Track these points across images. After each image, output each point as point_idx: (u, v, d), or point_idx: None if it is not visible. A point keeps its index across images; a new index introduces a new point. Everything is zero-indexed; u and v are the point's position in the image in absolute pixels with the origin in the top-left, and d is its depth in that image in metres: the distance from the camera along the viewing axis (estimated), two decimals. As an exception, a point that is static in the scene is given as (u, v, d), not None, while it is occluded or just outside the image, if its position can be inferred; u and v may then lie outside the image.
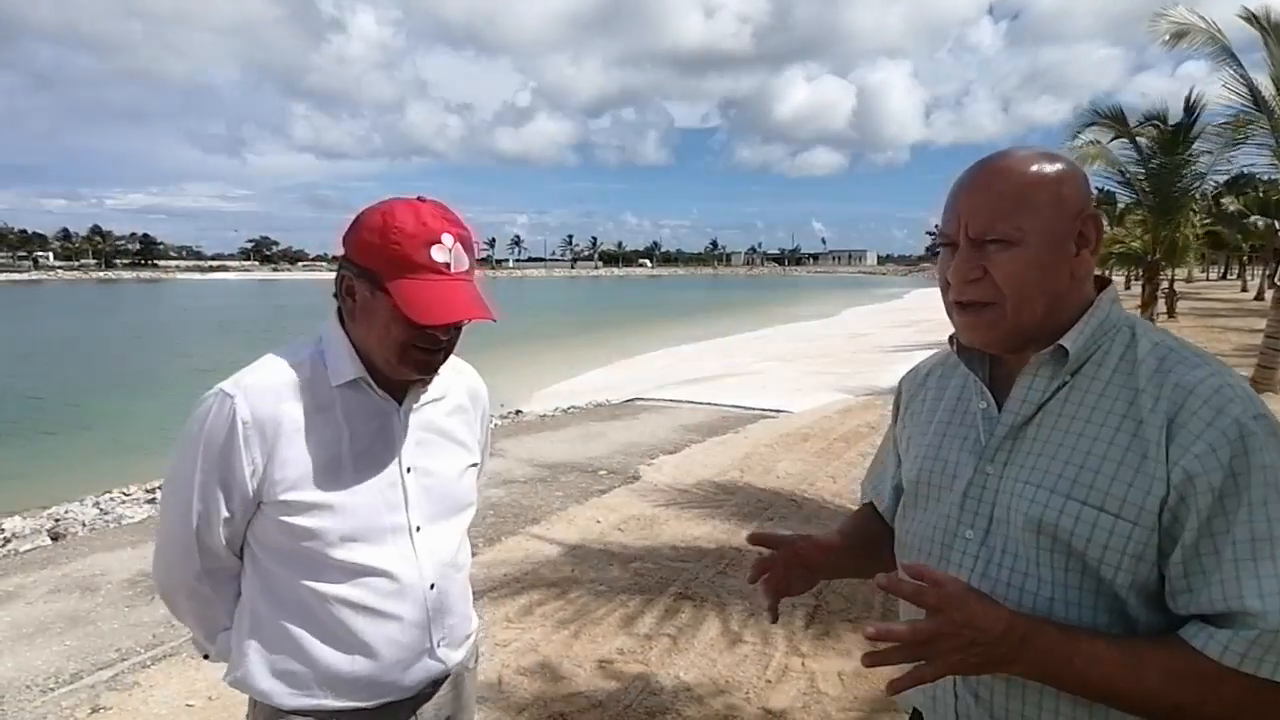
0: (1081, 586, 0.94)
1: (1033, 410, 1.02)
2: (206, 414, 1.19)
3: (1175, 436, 0.90)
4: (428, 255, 1.17)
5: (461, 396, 1.43)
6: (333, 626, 1.24)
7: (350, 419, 1.25)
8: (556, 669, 3.23)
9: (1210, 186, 16.69)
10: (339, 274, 1.25)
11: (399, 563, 1.27)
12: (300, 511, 1.20)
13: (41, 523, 5.83)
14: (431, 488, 1.32)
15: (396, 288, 1.16)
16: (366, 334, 1.22)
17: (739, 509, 5.40)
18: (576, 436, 8.05)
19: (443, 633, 1.35)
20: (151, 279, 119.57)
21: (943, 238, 1.04)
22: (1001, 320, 0.99)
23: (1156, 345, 0.99)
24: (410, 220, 1.17)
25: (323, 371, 1.25)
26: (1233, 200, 29.42)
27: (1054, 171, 0.99)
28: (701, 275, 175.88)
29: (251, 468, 1.18)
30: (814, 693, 3.05)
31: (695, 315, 37.48)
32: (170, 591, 1.33)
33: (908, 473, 1.19)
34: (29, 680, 3.28)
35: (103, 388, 16.26)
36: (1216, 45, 9.91)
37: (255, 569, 1.27)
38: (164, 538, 1.28)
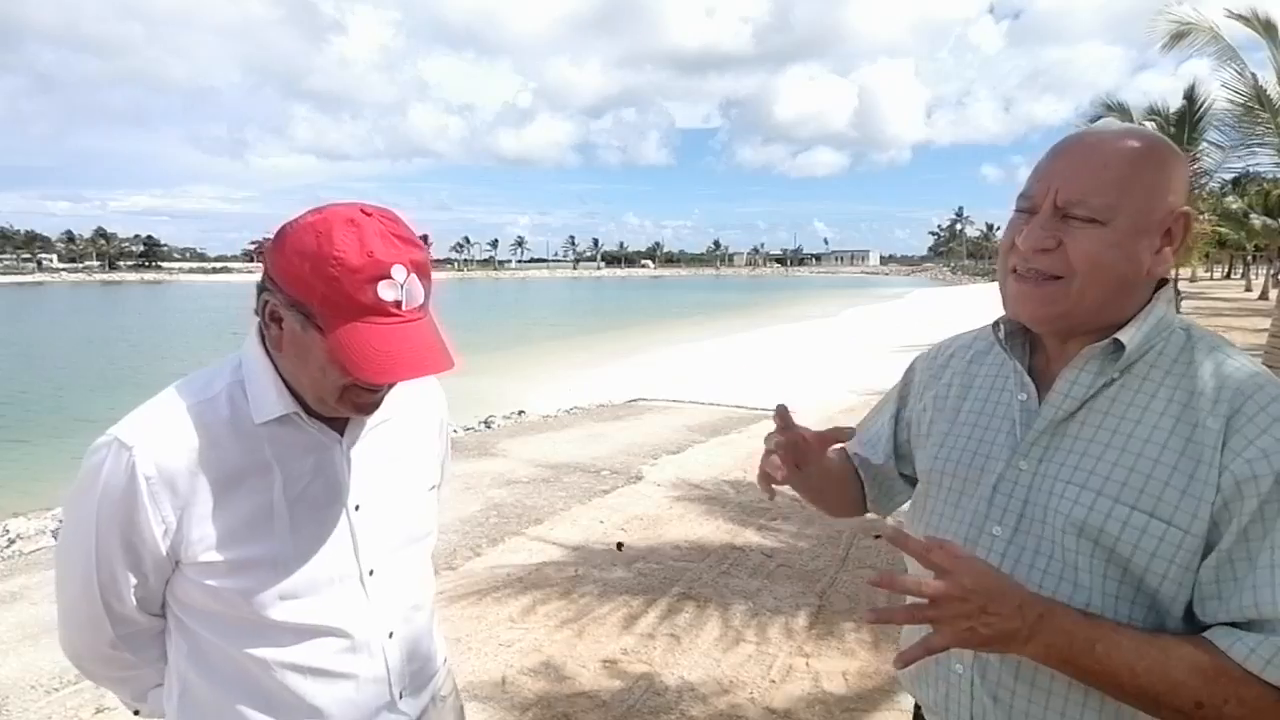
0: (1119, 594, 0.91)
1: (1076, 405, 0.97)
2: (99, 468, 0.99)
3: (1229, 440, 0.87)
4: (374, 295, 0.93)
5: (414, 410, 1.23)
6: (276, 693, 1.07)
7: (282, 459, 1.05)
8: (560, 669, 3.23)
9: (1215, 185, 16.67)
10: (260, 294, 1.01)
11: (350, 615, 1.10)
12: (227, 573, 1.01)
13: (45, 523, 5.84)
14: (385, 523, 1.14)
15: (335, 337, 0.94)
16: (296, 371, 1.02)
17: (742, 509, 5.40)
18: (579, 437, 8.04)
19: (405, 682, 1.18)
20: (155, 281, 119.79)
21: (1024, 200, 0.97)
22: (1062, 298, 0.94)
23: (1214, 350, 0.95)
24: (353, 249, 0.92)
25: (244, 406, 1.04)
26: (1236, 199, 29.35)
27: (1164, 158, 0.93)
28: (704, 276, 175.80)
29: (163, 527, 0.99)
30: (818, 692, 3.05)
31: (697, 316, 37.48)
32: (81, 663, 1.16)
33: (927, 460, 1.13)
34: (34, 681, 3.29)
35: (105, 388, 16.29)
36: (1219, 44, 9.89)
37: (181, 632, 1.08)
38: (65, 607, 1.09)
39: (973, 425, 1.08)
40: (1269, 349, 10.02)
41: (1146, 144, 0.93)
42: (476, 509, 5.46)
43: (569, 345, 22.11)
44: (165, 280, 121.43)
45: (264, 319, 1.02)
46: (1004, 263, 1.00)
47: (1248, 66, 9.78)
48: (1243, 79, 9.80)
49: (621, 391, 11.35)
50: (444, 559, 4.51)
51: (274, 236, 0.99)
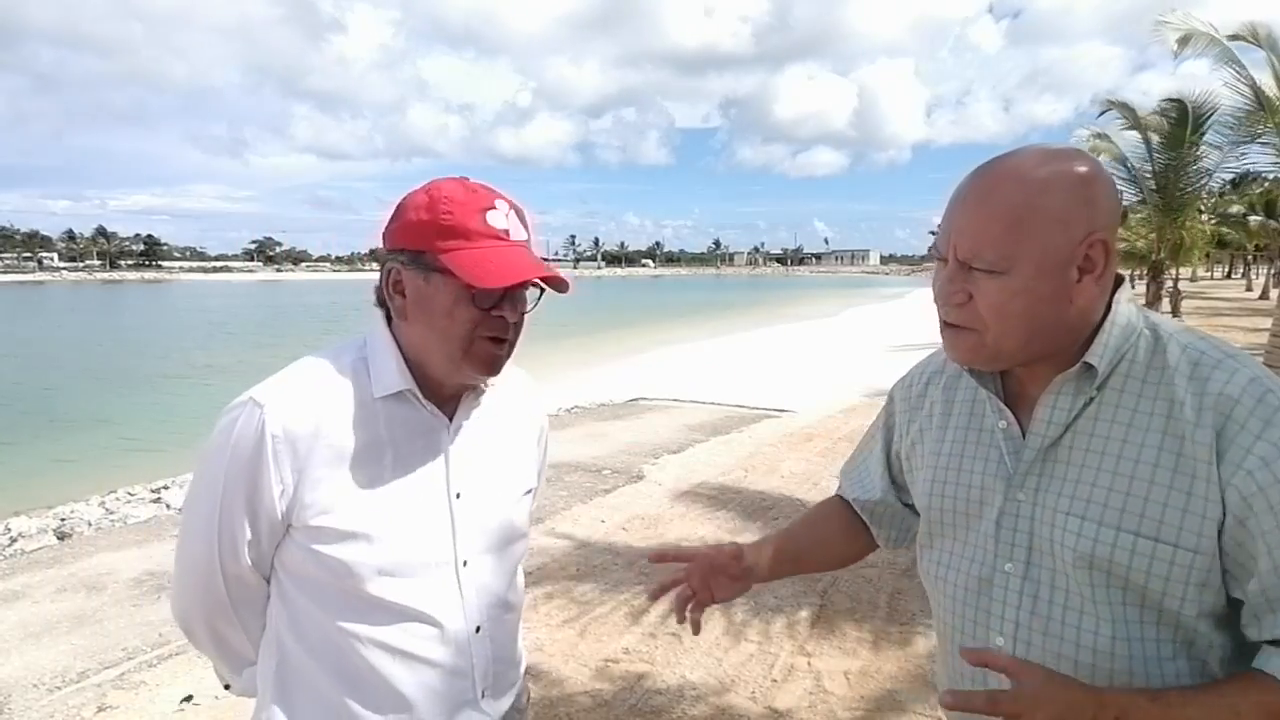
0: (1143, 620, 0.88)
1: (1060, 431, 0.94)
2: (233, 425, 1.05)
3: (1225, 453, 0.83)
4: (483, 221, 1.05)
5: (518, 412, 1.28)
6: (364, 672, 1.09)
7: (394, 436, 1.10)
8: (561, 668, 3.23)
9: (1216, 185, 16.69)
10: (384, 270, 1.11)
11: (441, 602, 1.12)
12: (333, 540, 1.06)
13: (48, 522, 5.85)
14: (483, 516, 1.17)
15: (454, 259, 1.03)
16: (425, 331, 1.08)
17: (743, 508, 5.40)
18: (581, 436, 8.04)
19: (488, 681, 1.19)
20: (155, 280, 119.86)
21: (935, 250, 0.96)
22: (981, 347, 0.93)
23: (1186, 348, 0.91)
24: (459, 190, 1.07)
25: (365, 381, 1.10)
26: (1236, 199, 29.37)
27: (1061, 184, 0.87)
28: (704, 275, 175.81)
29: (281, 487, 1.05)
30: (820, 692, 3.05)
31: (698, 315, 37.47)
32: (190, 622, 1.19)
33: (924, 497, 1.11)
34: (36, 679, 3.29)
35: (107, 388, 16.30)
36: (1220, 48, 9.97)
37: (282, 601, 1.13)
38: (184, 563, 1.14)
39: (959, 456, 1.05)
40: (1270, 349, 10.04)
41: (1043, 179, 0.87)
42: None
43: (570, 345, 22.08)
44: (166, 279, 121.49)
45: (388, 290, 1.10)
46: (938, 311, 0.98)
47: (1246, 69, 9.85)
48: (1242, 80, 9.86)
49: (622, 391, 11.35)
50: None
51: (392, 214, 1.10)
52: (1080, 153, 0.92)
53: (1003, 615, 0.96)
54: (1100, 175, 0.90)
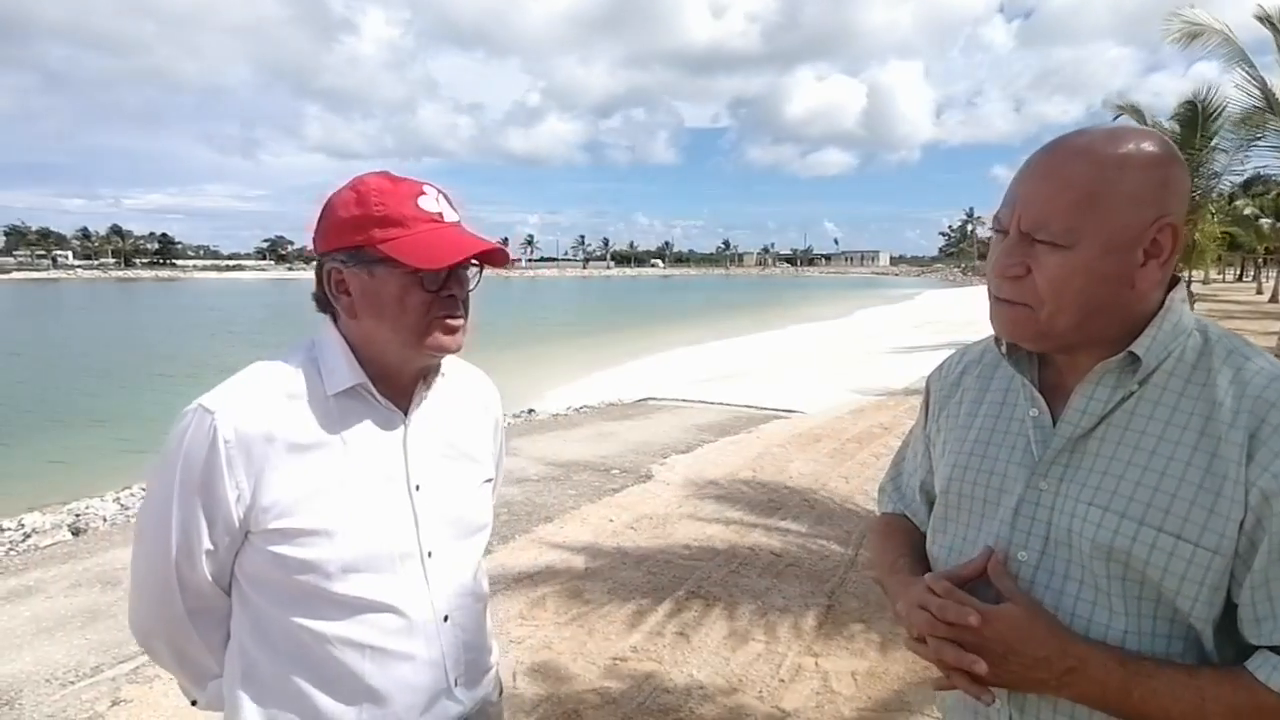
0: (1157, 616, 0.88)
1: (1094, 422, 0.92)
2: (184, 433, 1.04)
3: (1255, 454, 0.83)
4: (415, 206, 1.06)
5: (472, 404, 1.30)
6: (335, 671, 1.09)
7: (350, 432, 1.11)
8: (569, 666, 3.25)
9: (1226, 187, 16.58)
10: (322, 274, 1.11)
11: (408, 594, 1.13)
12: (294, 540, 1.05)
13: (62, 518, 5.90)
14: (444, 507, 1.18)
15: (395, 247, 1.04)
16: (377, 324, 1.09)
17: (751, 509, 5.40)
18: (589, 436, 8.06)
19: (460, 670, 1.20)
20: (170, 278, 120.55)
21: (996, 221, 0.94)
22: (1031, 321, 0.91)
23: (1233, 352, 0.90)
24: (384, 181, 1.08)
25: (317, 380, 1.11)
26: (1247, 202, 29.13)
27: (1138, 163, 0.85)
28: (713, 275, 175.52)
29: (236, 493, 1.04)
30: (827, 692, 3.05)
31: (707, 316, 37.43)
32: (149, 637, 1.17)
33: (943, 480, 1.08)
34: (49, 674, 3.32)
35: (120, 385, 16.43)
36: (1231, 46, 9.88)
37: (245, 608, 1.12)
38: (140, 575, 1.13)
39: (985, 443, 1.04)
40: (1282, 352, 9.99)
41: (1121, 155, 0.86)
42: (486, 507, 5.49)
43: (579, 344, 22.13)
44: (180, 278, 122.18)
45: (331, 294, 1.11)
46: (989, 284, 0.97)
47: (1257, 69, 9.75)
48: (1253, 80, 9.77)
49: (631, 391, 11.37)
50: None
51: (319, 217, 1.10)
52: (1157, 134, 0.91)
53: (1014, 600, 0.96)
54: (1176, 159, 0.89)
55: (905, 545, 1.17)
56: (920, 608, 0.93)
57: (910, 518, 1.23)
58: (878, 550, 1.22)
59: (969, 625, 0.88)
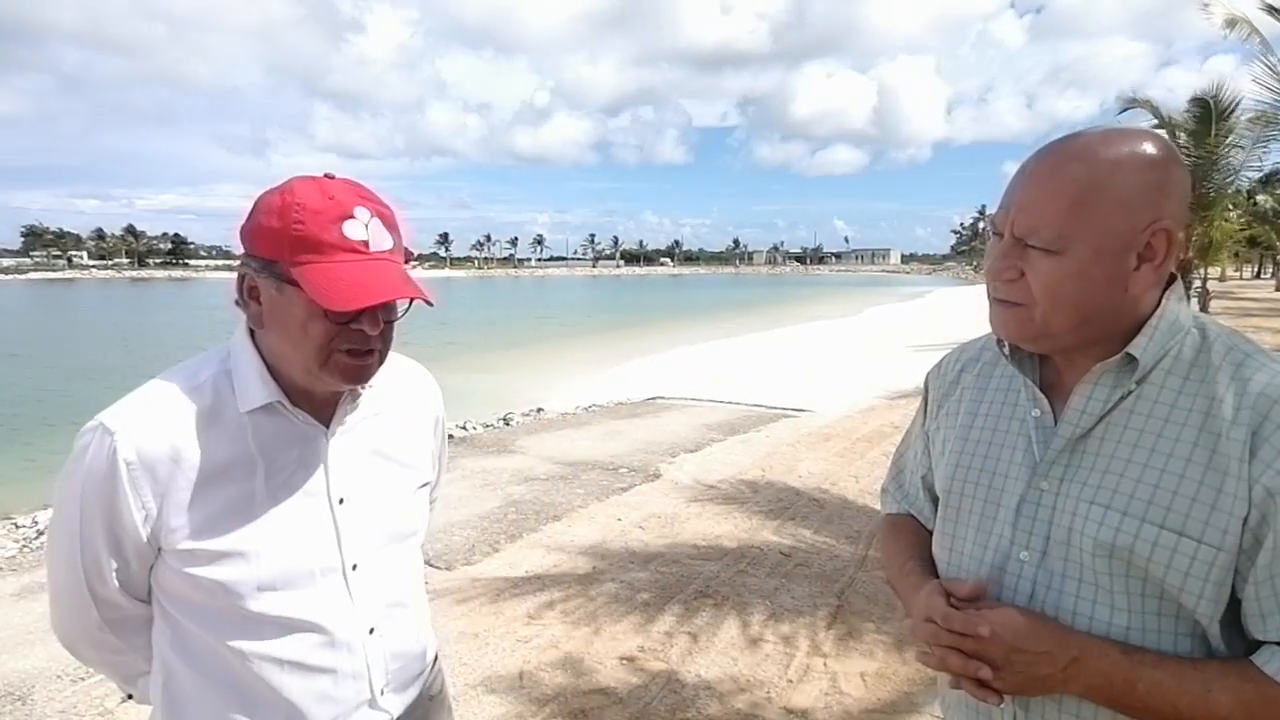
0: (1160, 613, 0.88)
1: (1093, 422, 0.93)
2: (84, 453, 1.00)
3: (1258, 451, 0.83)
4: (338, 233, 0.97)
5: (405, 405, 1.23)
6: (254, 687, 1.07)
7: (265, 449, 1.05)
8: (578, 665, 3.24)
9: (1245, 182, 16.39)
10: (238, 273, 1.04)
11: (330, 610, 1.09)
12: (206, 561, 1.01)
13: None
14: (370, 518, 1.13)
15: (305, 274, 0.96)
16: (279, 341, 1.02)
17: (760, 508, 5.38)
18: (598, 434, 8.06)
19: (386, 679, 1.17)
20: (183, 278, 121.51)
21: (992, 223, 0.95)
22: (1029, 323, 0.92)
23: (1232, 349, 0.90)
24: (314, 195, 0.98)
25: (229, 395, 1.05)
26: (1267, 198, 28.83)
27: (1132, 166, 0.85)
28: (723, 274, 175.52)
29: (143, 513, 1.00)
30: (836, 693, 3.03)
31: (717, 314, 37.39)
32: (72, 644, 1.16)
33: (945, 480, 1.09)
34: (60, 670, 3.34)
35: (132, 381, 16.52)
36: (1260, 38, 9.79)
37: (165, 622, 1.09)
38: (54, 588, 1.11)
39: (987, 443, 1.04)
40: (1300, 350, 9.86)
41: (1114, 159, 0.86)
42: (495, 505, 5.49)
43: (588, 343, 22.14)
44: (193, 278, 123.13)
45: (243, 297, 1.04)
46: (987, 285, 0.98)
47: (1278, 61, 9.62)
48: (1274, 74, 9.63)
49: (640, 389, 11.36)
50: (462, 555, 4.54)
51: (248, 212, 1.03)
52: (1156, 135, 0.90)
53: (1014, 601, 0.96)
54: (1174, 161, 0.88)
55: (913, 547, 1.17)
56: (927, 620, 0.94)
57: (916, 516, 1.24)
58: (888, 554, 1.23)
59: (976, 635, 0.89)
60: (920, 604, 0.98)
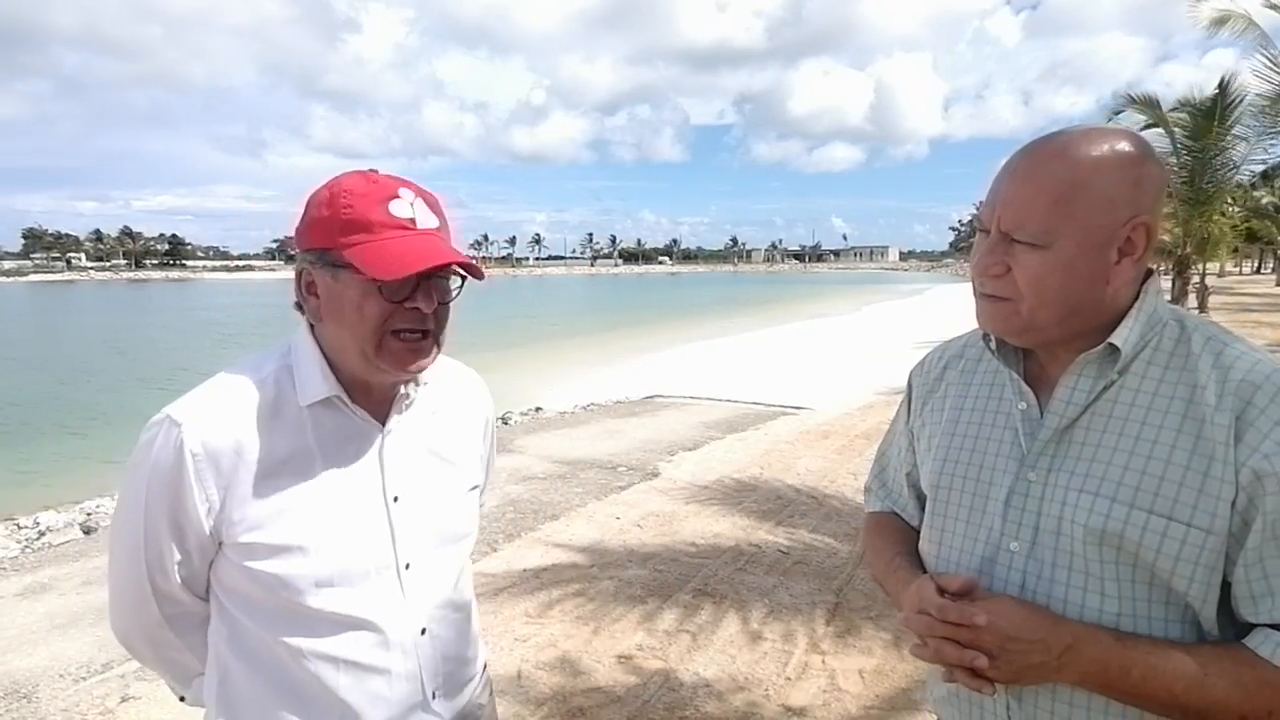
0: (1151, 599, 0.89)
1: (1078, 412, 0.95)
2: (151, 444, 1.02)
3: (1243, 435, 0.85)
4: (385, 212, 1.01)
5: (458, 407, 1.25)
6: (308, 684, 1.07)
7: (324, 444, 1.07)
8: (576, 664, 3.25)
9: (1245, 177, 16.35)
10: (296, 272, 1.08)
11: (384, 609, 1.10)
12: (265, 555, 1.03)
13: (74, 516, 5.96)
14: (423, 518, 1.15)
15: (356, 253, 0.99)
16: (337, 330, 1.05)
17: (759, 506, 5.39)
18: (596, 433, 8.07)
19: (438, 682, 1.17)
20: (180, 279, 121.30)
21: (978, 220, 0.97)
22: (1015, 316, 0.94)
23: (1211, 339, 0.93)
24: (359, 182, 1.03)
25: (290, 390, 1.07)
26: (1267, 192, 28.79)
27: (1111, 164, 0.88)
28: (722, 272, 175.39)
29: (206, 505, 1.02)
30: (834, 690, 3.04)
31: (715, 313, 37.39)
32: (130, 640, 1.17)
33: (933, 475, 1.10)
34: (62, 670, 3.36)
35: (132, 384, 16.54)
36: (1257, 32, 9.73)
37: (221, 617, 1.11)
38: (115, 583, 1.12)
39: (974, 438, 1.06)
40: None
41: (1095, 157, 0.88)
42: (493, 505, 5.50)
43: (586, 342, 22.15)
44: (190, 279, 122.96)
45: (302, 294, 1.08)
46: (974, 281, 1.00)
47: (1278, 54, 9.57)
48: (1274, 67, 9.58)
49: (638, 388, 11.36)
50: (462, 554, 4.55)
51: (301, 213, 1.07)
52: (1133, 134, 0.93)
53: (1004, 592, 0.97)
54: (1150, 157, 0.91)
55: (899, 544, 1.18)
56: (921, 612, 0.95)
57: (900, 514, 1.25)
58: (873, 551, 1.24)
59: (972, 624, 0.89)
60: (912, 597, 0.99)
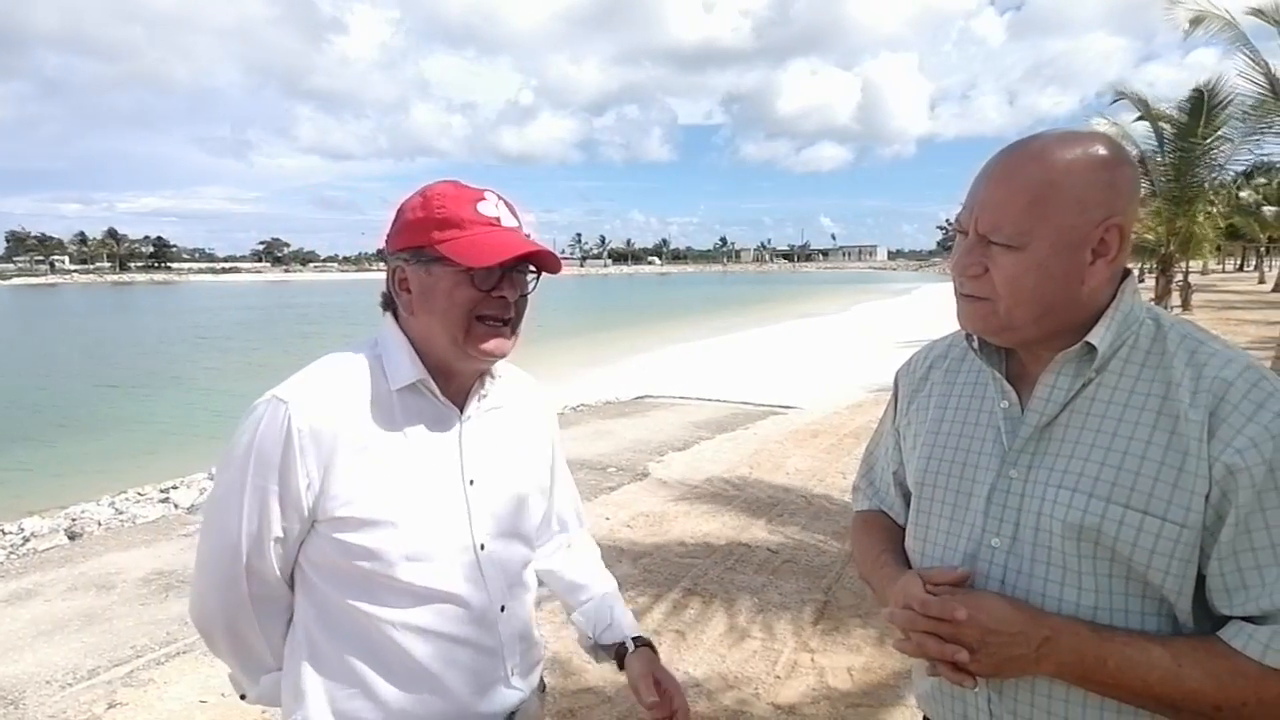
0: (1128, 592, 0.91)
1: (1058, 409, 0.97)
2: (258, 423, 1.09)
3: (1217, 431, 0.87)
4: (474, 210, 1.13)
5: (525, 410, 1.34)
6: (398, 657, 1.13)
7: (410, 427, 1.15)
8: (566, 664, 3.25)
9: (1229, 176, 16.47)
10: (389, 273, 1.19)
11: (466, 584, 1.16)
12: (359, 528, 1.09)
13: (59, 522, 5.90)
14: (495, 502, 1.22)
15: (450, 247, 1.10)
16: (429, 319, 1.14)
17: (748, 505, 5.41)
18: (586, 434, 8.06)
19: (516, 659, 1.25)
20: (165, 281, 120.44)
21: (957, 222, 1.00)
22: (993, 316, 0.97)
23: (1185, 337, 0.95)
24: (449, 188, 1.15)
25: (381, 375, 1.16)
26: (1250, 191, 29.09)
27: (1084, 167, 0.91)
28: (711, 272, 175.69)
29: (307, 481, 1.08)
30: (823, 688, 3.05)
31: (705, 312, 37.44)
32: (209, 623, 1.19)
33: (918, 473, 1.12)
34: (49, 676, 3.33)
35: (115, 390, 16.42)
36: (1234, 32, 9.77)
37: (309, 596, 1.16)
38: (205, 561, 1.16)
39: (958, 436, 1.08)
40: (1281, 342, 9.94)
41: (1068, 160, 0.91)
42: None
43: (576, 342, 22.11)
44: (175, 281, 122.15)
45: (394, 290, 1.18)
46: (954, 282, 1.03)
47: (1259, 54, 9.61)
48: (1256, 66, 9.62)
49: (629, 389, 11.37)
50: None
51: (392, 219, 1.19)
52: (1106, 137, 0.95)
53: (985, 587, 0.99)
54: (1123, 160, 0.93)
55: (886, 541, 1.20)
56: (905, 607, 0.97)
57: (887, 512, 1.27)
58: (860, 549, 1.26)
59: (954, 619, 0.91)
60: (898, 592, 1.01)
